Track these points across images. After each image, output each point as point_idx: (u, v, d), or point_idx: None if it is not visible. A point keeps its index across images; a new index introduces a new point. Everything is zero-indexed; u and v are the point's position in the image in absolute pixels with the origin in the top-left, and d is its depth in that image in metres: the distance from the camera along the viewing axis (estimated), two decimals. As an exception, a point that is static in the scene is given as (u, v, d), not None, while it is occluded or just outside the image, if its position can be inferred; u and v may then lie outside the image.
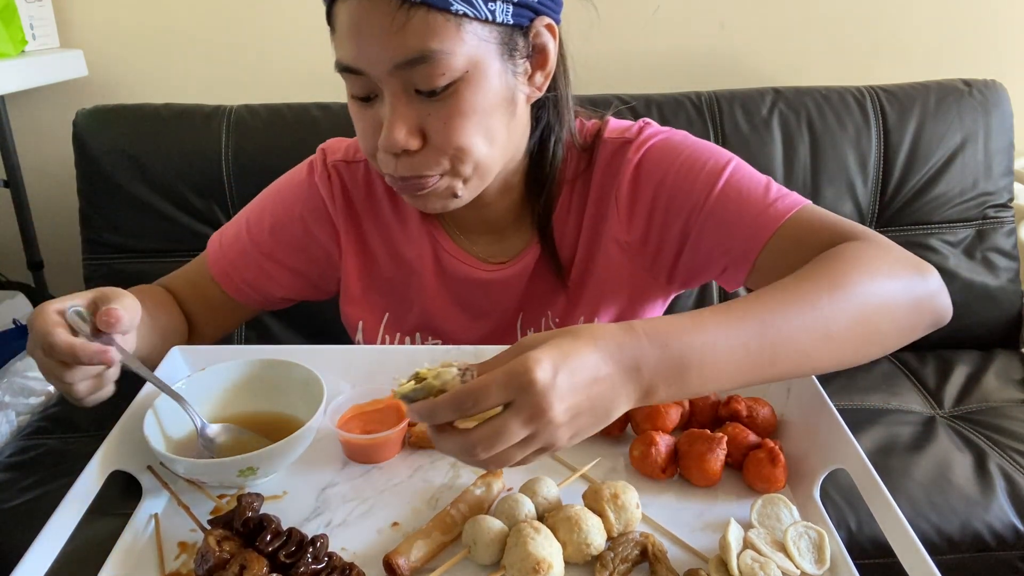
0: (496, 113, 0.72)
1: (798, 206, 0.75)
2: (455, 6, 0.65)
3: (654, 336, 0.53)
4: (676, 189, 0.80)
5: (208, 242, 0.95)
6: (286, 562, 0.55)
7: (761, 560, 0.56)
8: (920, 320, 0.65)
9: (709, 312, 0.57)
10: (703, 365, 0.54)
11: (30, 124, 1.64)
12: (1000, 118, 1.46)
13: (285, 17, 1.61)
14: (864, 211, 1.46)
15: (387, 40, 0.65)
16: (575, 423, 0.51)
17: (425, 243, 0.89)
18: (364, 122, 0.73)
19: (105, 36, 1.60)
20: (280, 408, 0.71)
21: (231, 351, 0.76)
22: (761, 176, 0.80)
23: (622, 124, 0.87)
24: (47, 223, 1.66)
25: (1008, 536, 1.06)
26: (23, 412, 1.29)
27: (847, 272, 0.62)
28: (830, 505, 1.04)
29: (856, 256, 0.65)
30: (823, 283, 0.61)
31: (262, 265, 0.91)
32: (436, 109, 0.69)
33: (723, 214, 0.77)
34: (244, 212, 0.94)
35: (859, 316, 0.61)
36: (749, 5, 1.63)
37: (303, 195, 0.90)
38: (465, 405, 0.49)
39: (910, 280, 0.65)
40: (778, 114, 1.43)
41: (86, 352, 0.62)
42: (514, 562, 0.55)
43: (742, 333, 0.56)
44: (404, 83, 0.68)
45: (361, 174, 0.90)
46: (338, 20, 0.68)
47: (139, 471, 0.66)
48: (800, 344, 0.58)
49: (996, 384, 1.37)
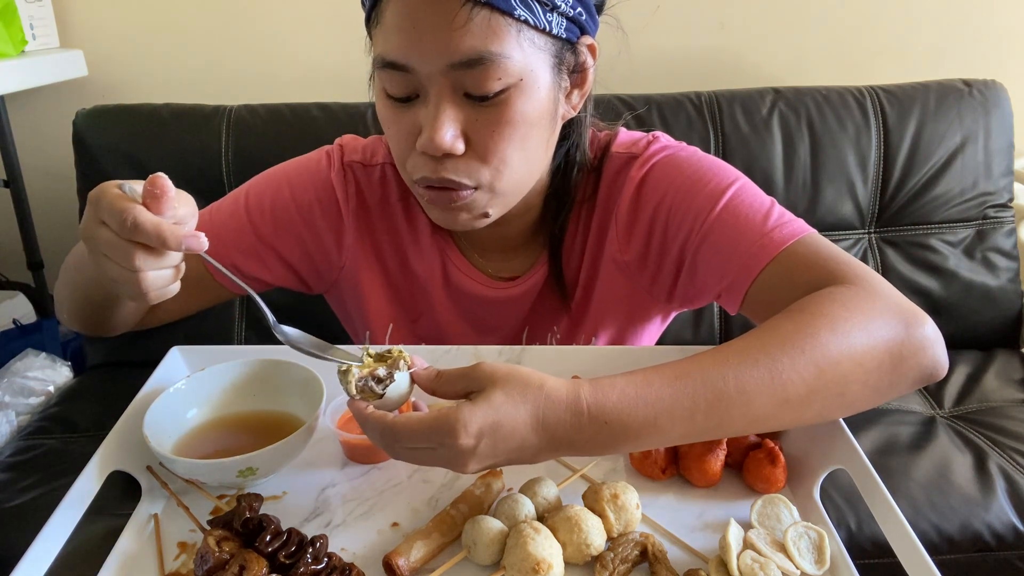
0: (539, 126, 0.70)
1: (796, 236, 0.71)
2: (518, 11, 0.63)
3: (597, 415, 0.55)
4: (675, 209, 0.78)
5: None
6: (286, 562, 0.55)
7: (761, 560, 0.56)
8: (899, 379, 0.61)
9: (660, 377, 0.57)
10: (640, 435, 0.56)
11: (30, 124, 1.64)
12: (1000, 118, 1.46)
13: (285, 17, 1.61)
14: (864, 211, 1.46)
15: (446, 38, 0.63)
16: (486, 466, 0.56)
17: (435, 257, 0.87)
18: (400, 124, 0.70)
19: (105, 36, 1.60)
20: (280, 408, 0.71)
21: (231, 351, 0.76)
22: (765, 199, 0.76)
23: (632, 137, 0.85)
24: (47, 223, 1.66)
25: (1008, 536, 1.06)
26: (23, 412, 1.28)
27: (817, 329, 0.59)
28: (830, 505, 1.04)
29: (833, 308, 0.61)
30: (787, 344, 0.58)
31: (256, 249, 0.85)
32: (484, 115, 0.67)
33: (719, 239, 0.74)
34: (244, 187, 0.89)
35: (822, 380, 0.58)
36: (749, 5, 1.63)
37: (318, 183, 0.86)
38: (389, 439, 0.55)
39: (892, 335, 0.60)
40: (778, 114, 1.43)
41: (175, 235, 0.54)
42: (514, 562, 0.55)
43: (690, 402, 0.56)
44: (455, 84, 0.66)
45: (377, 178, 0.87)
46: (387, 13, 0.65)
47: (138, 471, 0.66)
48: (755, 409, 0.57)
49: (996, 384, 1.37)
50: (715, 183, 0.77)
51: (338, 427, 0.70)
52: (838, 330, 0.59)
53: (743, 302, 0.73)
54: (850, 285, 0.64)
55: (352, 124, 1.37)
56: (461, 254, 0.87)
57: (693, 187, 0.77)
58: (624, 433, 0.55)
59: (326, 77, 1.63)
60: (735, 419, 0.57)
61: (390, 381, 0.57)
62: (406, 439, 0.54)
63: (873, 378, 0.60)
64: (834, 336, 0.59)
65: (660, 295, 0.84)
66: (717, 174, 0.78)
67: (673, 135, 0.82)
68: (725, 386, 0.56)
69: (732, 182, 0.77)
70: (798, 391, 0.57)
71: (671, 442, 0.58)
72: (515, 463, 0.56)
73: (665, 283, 0.82)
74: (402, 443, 0.55)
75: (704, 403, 0.56)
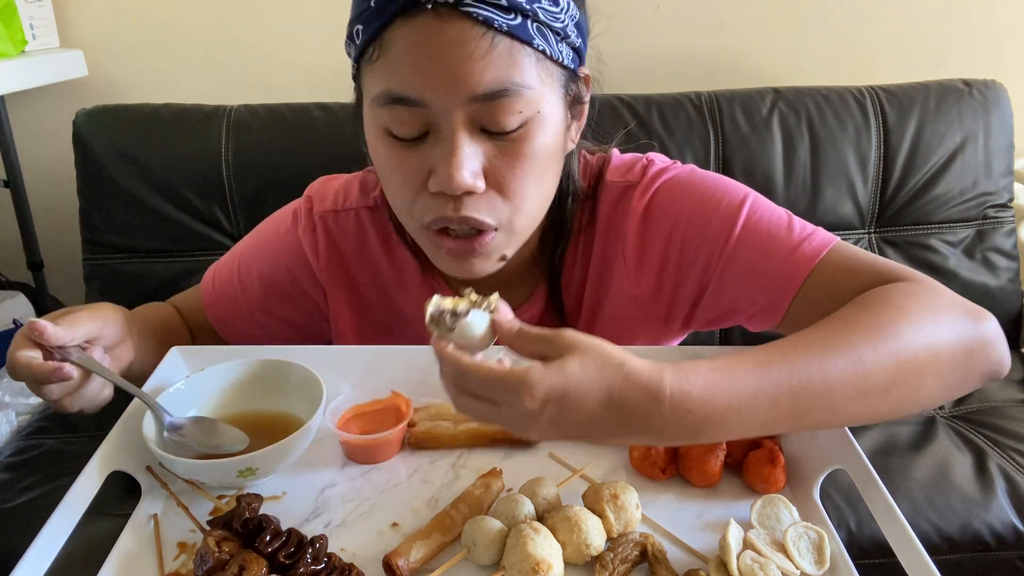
0: (553, 160, 0.68)
1: (827, 246, 0.69)
2: (536, 40, 0.61)
3: (680, 402, 0.51)
4: (690, 235, 0.75)
5: (203, 278, 0.92)
6: (285, 563, 0.55)
7: (761, 561, 0.56)
8: (970, 374, 0.60)
9: (743, 364, 0.53)
10: (722, 425, 0.52)
11: (30, 124, 1.64)
12: (1000, 118, 1.46)
13: (285, 17, 1.61)
14: (864, 211, 1.46)
15: (467, 69, 0.59)
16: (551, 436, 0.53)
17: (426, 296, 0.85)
18: (407, 166, 0.65)
19: (105, 36, 1.60)
20: (280, 408, 0.71)
21: (231, 351, 0.76)
22: (780, 211, 0.74)
23: (624, 162, 0.82)
24: (47, 223, 1.66)
25: (1008, 536, 1.06)
26: (23, 412, 1.29)
27: (893, 320, 0.57)
28: (830, 505, 1.04)
29: (906, 302, 0.59)
30: (869, 334, 0.56)
31: (254, 316, 0.88)
32: (503, 150, 0.64)
33: (745, 261, 0.71)
34: (237, 251, 0.91)
35: (901, 373, 0.56)
36: (749, 5, 1.63)
37: (288, 247, 0.86)
38: (458, 380, 0.53)
39: (963, 329, 0.59)
40: (778, 114, 1.43)
41: (42, 371, 0.63)
42: (514, 563, 0.55)
43: (775, 390, 0.53)
44: (472, 118, 0.62)
45: (352, 223, 0.84)
46: (392, 45, 0.61)
47: (138, 471, 0.66)
48: (834, 401, 0.54)
49: (996, 384, 1.37)
50: (726, 202, 0.74)
51: (338, 427, 0.70)
52: (915, 322, 0.58)
53: (781, 322, 0.71)
54: (910, 282, 0.63)
55: (352, 124, 1.37)
56: (452, 292, 0.83)
57: (704, 210, 0.74)
58: (706, 422, 0.51)
59: (326, 77, 1.61)
60: (816, 409, 0.54)
61: (464, 318, 0.55)
62: (473, 384, 0.52)
63: (947, 372, 0.59)
64: (912, 328, 0.57)
65: (675, 323, 0.81)
66: (726, 193, 0.75)
67: (673, 135, 0.81)
68: (810, 375, 0.54)
69: (743, 199, 0.74)
70: (878, 383, 0.55)
71: (748, 434, 0.54)
72: (582, 439, 0.53)
73: (681, 311, 0.80)
74: (469, 388, 0.52)
75: (788, 392, 0.53)
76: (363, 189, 0.86)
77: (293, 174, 1.34)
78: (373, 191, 0.85)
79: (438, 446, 0.71)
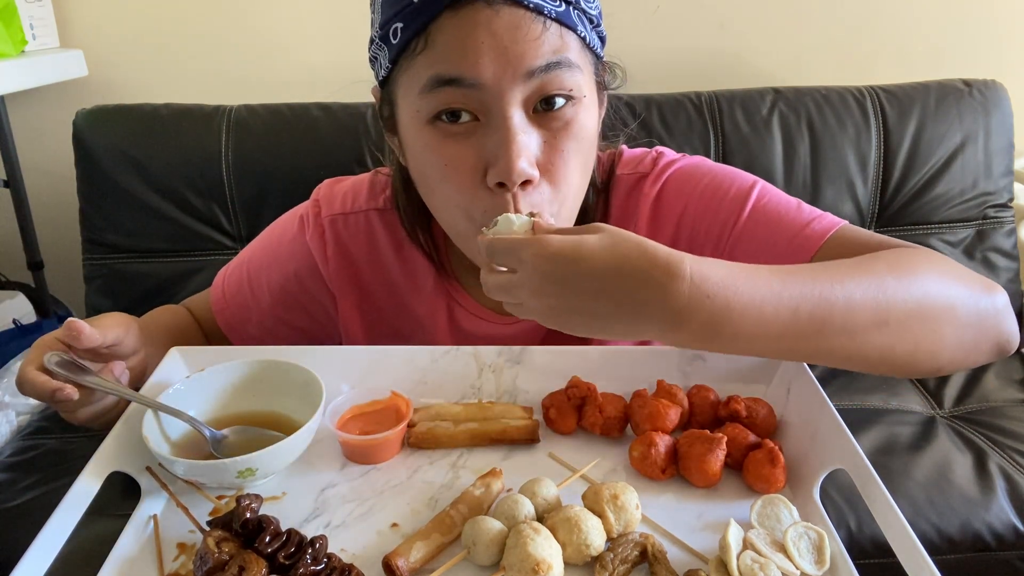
0: (593, 148, 0.69)
1: (836, 226, 0.70)
2: (579, 27, 0.64)
3: (700, 285, 0.50)
4: (700, 217, 0.76)
5: (213, 283, 0.92)
6: (285, 563, 0.55)
7: (761, 561, 0.56)
8: (983, 338, 0.60)
9: (768, 270, 0.54)
10: (741, 321, 0.51)
11: (30, 124, 1.64)
12: (1000, 118, 1.46)
13: (285, 17, 1.61)
14: (864, 211, 1.46)
15: (522, 48, 0.61)
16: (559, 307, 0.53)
17: (440, 301, 0.84)
18: (461, 161, 0.65)
19: (105, 36, 1.60)
20: (279, 409, 0.71)
21: (231, 351, 0.76)
22: (790, 197, 0.75)
23: (635, 156, 0.83)
24: (47, 223, 1.66)
25: (1008, 536, 1.06)
26: (23, 412, 1.29)
27: (915, 266, 0.58)
28: (830, 505, 1.04)
29: (922, 258, 0.60)
30: (895, 270, 0.57)
31: (264, 323, 0.88)
32: (552, 134, 0.65)
33: (755, 238, 0.72)
34: (245, 256, 0.90)
35: (921, 312, 0.56)
36: (749, 5, 1.63)
37: (296, 253, 0.86)
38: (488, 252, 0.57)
39: (978, 294, 0.60)
40: (778, 114, 1.43)
41: (46, 390, 0.64)
42: (514, 563, 0.55)
43: (798, 295, 0.52)
44: (526, 101, 0.63)
45: (361, 226, 0.84)
46: (439, 35, 0.62)
47: (138, 472, 0.66)
48: (854, 323, 0.54)
49: (996, 384, 1.37)
50: (736, 187, 0.75)
51: (338, 427, 0.70)
52: (935, 274, 0.59)
53: None
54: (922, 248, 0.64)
55: (352, 124, 1.37)
56: (467, 294, 0.84)
57: (715, 193, 0.76)
58: (725, 314, 0.50)
59: (326, 77, 1.63)
60: (835, 331, 0.54)
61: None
62: (498, 252, 0.55)
63: (962, 327, 0.59)
64: (933, 276, 0.58)
65: None
66: (737, 177, 0.77)
67: (673, 135, 0.82)
68: (832, 291, 0.53)
69: (755, 182, 0.76)
70: (898, 315, 0.55)
71: (765, 347, 0.53)
72: (590, 321, 0.52)
73: None
74: (495, 257, 0.55)
75: (810, 302, 0.53)
76: (372, 191, 0.85)
77: (293, 174, 1.36)
78: (382, 193, 0.85)
79: (438, 446, 0.71)
